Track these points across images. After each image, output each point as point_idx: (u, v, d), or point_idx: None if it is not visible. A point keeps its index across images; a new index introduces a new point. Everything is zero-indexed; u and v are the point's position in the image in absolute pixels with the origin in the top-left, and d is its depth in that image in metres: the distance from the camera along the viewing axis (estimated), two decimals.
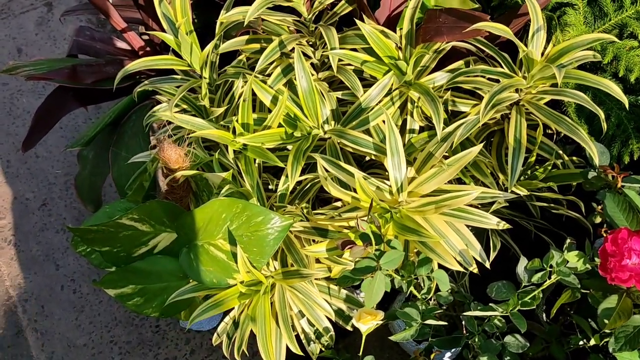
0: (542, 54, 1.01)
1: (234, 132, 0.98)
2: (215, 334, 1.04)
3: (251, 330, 0.93)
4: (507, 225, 0.92)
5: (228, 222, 0.86)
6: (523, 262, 0.90)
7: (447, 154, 0.98)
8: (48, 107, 1.21)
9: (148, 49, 1.27)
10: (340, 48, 1.03)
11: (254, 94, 1.01)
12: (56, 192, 1.58)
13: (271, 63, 1.06)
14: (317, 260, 1.00)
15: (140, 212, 0.88)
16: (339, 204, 1.03)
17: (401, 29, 1.08)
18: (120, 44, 1.28)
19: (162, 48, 1.31)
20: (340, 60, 1.05)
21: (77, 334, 1.35)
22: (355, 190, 0.90)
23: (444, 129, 0.98)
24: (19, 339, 1.34)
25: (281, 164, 0.95)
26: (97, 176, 1.19)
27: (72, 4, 2.00)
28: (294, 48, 1.00)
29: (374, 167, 1.12)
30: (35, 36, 1.93)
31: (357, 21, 1.01)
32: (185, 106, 1.09)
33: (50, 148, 1.66)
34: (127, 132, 1.17)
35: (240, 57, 1.11)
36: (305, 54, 1.09)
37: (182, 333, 1.33)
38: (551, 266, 0.85)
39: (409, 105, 1.08)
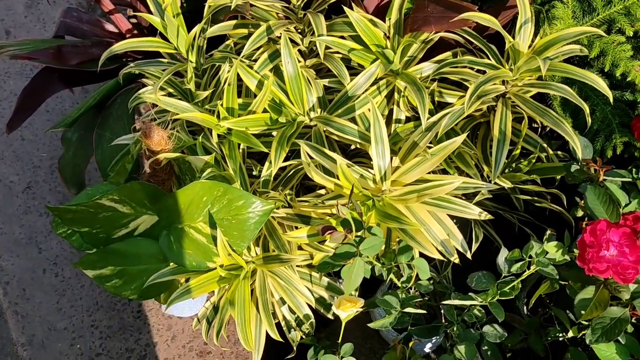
0: (529, 47, 1.01)
1: (218, 116, 0.98)
2: (195, 319, 1.03)
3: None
4: (489, 216, 0.92)
5: (209, 205, 0.85)
6: (504, 252, 0.90)
7: (432, 145, 0.98)
8: (33, 88, 1.20)
9: (135, 32, 1.26)
10: (328, 35, 1.03)
11: (239, 79, 1.01)
12: (41, 176, 1.56)
13: (258, 48, 1.06)
14: (300, 248, 1.00)
15: (121, 193, 0.88)
16: (322, 191, 1.02)
17: (390, 18, 1.08)
18: (108, 27, 1.27)
19: (149, 32, 1.30)
20: (328, 47, 1.04)
21: (58, 317, 1.34)
22: (338, 177, 0.90)
23: (429, 118, 0.98)
24: None
25: (265, 149, 0.95)
26: (80, 158, 1.18)
27: None
28: (281, 34, 1.00)
29: (359, 156, 1.12)
30: (24, 18, 1.91)
31: (346, 8, 1.00)
32: (171, 90, 1.08)
33: (36, 131, 1.64)
34: (112, 115, 1.16)
35: (227, 42, 1.10)
36: (293, 41, 1.08)
37: (163, 319, 1.32)
38: (530, 257, 0.85)
39: (396, 95, 1.08)
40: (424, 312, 0.88)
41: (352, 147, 1.12)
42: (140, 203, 0.91)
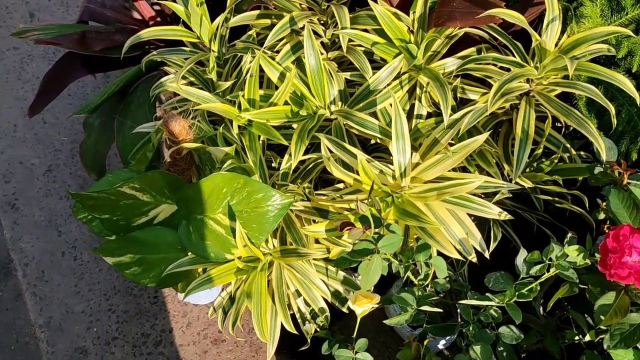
0: (556, 45, 0.99)
1: (239, 107, 0.98)
2: (212, 308, 1.04)
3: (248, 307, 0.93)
4: (508, 216, 0.91)
5: (229, 197, 0.85)
6: (523, 253, 0.89)
7: (453, 142, 0.97)
8: (56, 72, 1.21)
9: (159, 19, 1.26)
10: (352, 28, 1.02)
11: (261, 70, 1.01)
12: (62, 159, 1.58)
13: (281, 40, 1.05)
14: (317, 241, 1.00)
15: (142, 182, 0.88)
16: (341, 185, 1.02)
17: (414, 12, 1.07)
18: (131, 13, 1.27)
19: (172, 19, 1.30)
20: (350, 40, 1.04)
21: (76, 300, 1.36)
22: (357, 173, 0.89)
23: (451, 115, 0.97)
24: (18, 303, 1.35)
25: (285, 142, 0.95)
26: (102, 144, 1.19)
27: None
28: (304, 26, 0.99)
29: (379, 151, 1.12)
30: (48, 1, 1.92)
31: (370, 1, 0.99)
32: (192, 79, 1.08)
33: (57, 115, 1.66)
34: (133, 102, 1.17)
35: (250, 32, 1.10)
36: (315, 33, 1.08)
37: (179, 305, 1.34)
38: (550, 259, 0.85)
39: (418, 90, 1.07)
40: (440, 310, 0.88)
41: (372, 141, 1.11)
42: (160, 192, 0.91)
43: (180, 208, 0.89)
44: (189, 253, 0.90)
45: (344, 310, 1.06)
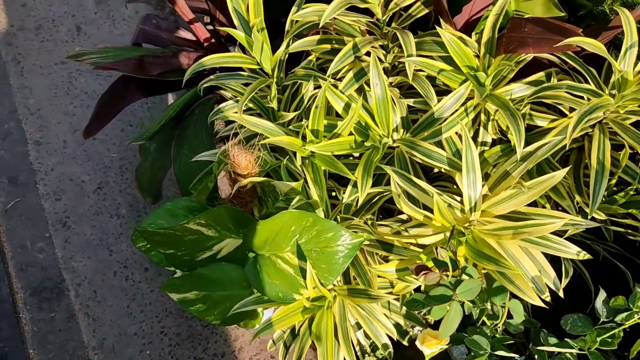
0: (636, 72, 0.94)
1: (303, 137, 0.95)
2: (271, 341, 1.02)
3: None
4: (587, 256, 0.87)
5: (297, 235, 0.83)
6: (602, 295, 0.85)
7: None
8: (111, 95, 1.20)
9: (213, 40, 1.25)
10: (417, 55, 0.99)
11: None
12: (111, 176, 1.58)
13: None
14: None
15: (208, 217, 0.87)
16: (404, 216, 0.99)
17: (477, 33, 1.03)
18: (185, 34, 1.26)
19: (226, 40, 1.28)
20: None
21: (128, 322, 1.36)
22: (424, 206, 0.86)
23: (524, 147, 0.93)
24: (70, 324, 1.36)
25: (352, 177, 0.92)
26: (158, 169, 1.18)
27: None
28: (370, 53, 0.96)
29: (440, 179, 1.08)
30: (94, 15, 1.93)
31: (439, 30, 0.96)
32: (250, 104, 1.06)
33: (106, 130, 1.66)
34: (190, 127, 1.16)
35: (310, 58, 1.07)
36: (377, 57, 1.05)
37: (231, 329, 1.32)
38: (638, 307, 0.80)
39: (482, 117, 1.04)
40: (517, 356, 0.84)
41: (435, 169, 1.08)
42: (225, 226, 0.90)
43: (246, 244, 0.87)
44: (254, 290, 0.88)
45: (405, 343, 1.03)
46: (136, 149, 1.63)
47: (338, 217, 0.97)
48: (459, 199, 0.94)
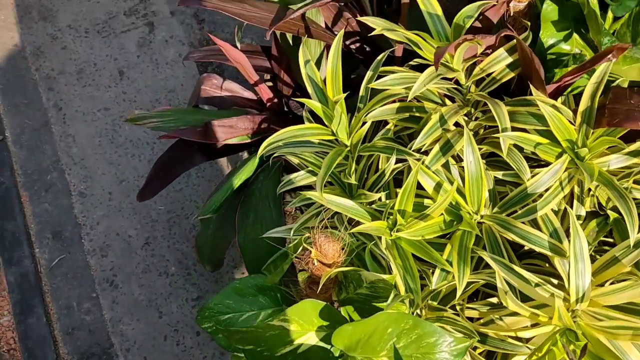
0: None
1: (388, 217, 0.88)
2: None
3: None
4: None
5: (394, 339, 0.76)
6: None
7: None
8: (170, 160, 1.14)
9: (275, 100, 1.19)
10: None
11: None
12: (159, 231, 1.52)
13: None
14: None
15: (292, 313, 0.80)
16: (494, 300, 0.92)
17: (564, 95, 0.96)
18: (247, 94, 1.20)
19: (288, 98, 1.22)
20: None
21: None
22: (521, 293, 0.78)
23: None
24: None
25: (448, 267, 0.84)
26: (220, 239, 1.11)
27: (174, 26, 1.94)
28: (464, 128, 0.89)
29: (529, 257, 1.00)
30: (137, 58, 1.88)
31: (539, 103, 0.88)
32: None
33: None
34: (254, 194, 1.09)
35: (388, 127, 1.00)
36: (457, 124, 0.98)
37: None
38: None
39: (576, 188, 0.96)
40: None
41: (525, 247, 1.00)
42: (308, 320, 0.83)
43: (334, 344, 0.80)
44: None
45: None
46: (183, 201, 1.56)
47: (426, 306, 0.89)
48: (555, 282, 0.86)
